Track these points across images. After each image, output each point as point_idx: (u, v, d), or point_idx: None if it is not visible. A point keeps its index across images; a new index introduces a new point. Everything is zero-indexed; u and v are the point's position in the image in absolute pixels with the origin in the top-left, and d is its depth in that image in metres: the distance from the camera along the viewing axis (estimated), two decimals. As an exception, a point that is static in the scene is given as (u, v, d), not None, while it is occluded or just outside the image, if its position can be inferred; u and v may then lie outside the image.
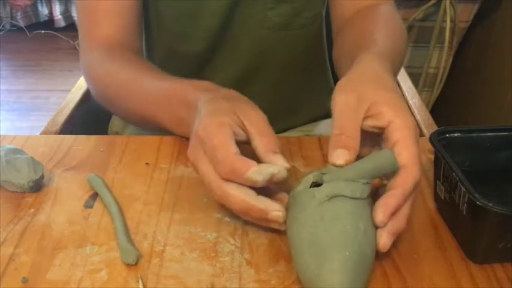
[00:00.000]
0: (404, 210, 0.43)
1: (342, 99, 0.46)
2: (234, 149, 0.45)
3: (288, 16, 0.72)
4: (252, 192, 0.44)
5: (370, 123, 0.46)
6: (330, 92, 0.50)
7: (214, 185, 0.45)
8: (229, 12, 0.70)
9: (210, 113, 0.48)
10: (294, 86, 0.81)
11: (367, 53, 0.55)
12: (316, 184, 0.43)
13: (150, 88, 0.60)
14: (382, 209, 0.41)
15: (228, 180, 0.44)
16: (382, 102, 0.45)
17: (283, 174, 0.45)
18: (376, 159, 0.42)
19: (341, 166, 0.43)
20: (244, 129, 0.48)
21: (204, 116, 0.48)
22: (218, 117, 0.47)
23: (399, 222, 0.42)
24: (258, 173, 0.43)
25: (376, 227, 0.42)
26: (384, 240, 0.41)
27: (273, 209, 0.44)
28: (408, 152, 0.43)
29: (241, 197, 0.44)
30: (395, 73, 0.59)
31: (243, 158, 0.44)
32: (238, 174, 0.43)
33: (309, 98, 0.55)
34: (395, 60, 0.59)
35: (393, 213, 0.42)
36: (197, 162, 0.47)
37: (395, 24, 0.68)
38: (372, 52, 0.56)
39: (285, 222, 0.44)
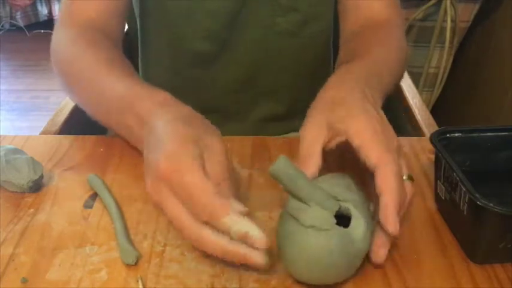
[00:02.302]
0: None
1: (307, 131, 0.47)
2: (212, 187, 0.40)
3: (296, 24, 0.72)
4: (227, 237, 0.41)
5: (334, 143, 0.47)
6: None
7: (190, 231, 0.41)
8: (233, 14, 0.70)
9: (173, 139, 0.43)
10: (298, 91, 0.80)
11: (345, 68, 0.56)
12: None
13: (107, 87, 0.56)
14: (390, 224, 0.40)
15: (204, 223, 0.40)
16: (338, 120, 0.46)
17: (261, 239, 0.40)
18: (290, 180, 0.41)
19: None
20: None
21: (166, 143, 0.42)
22: (185, 145, 0.42)
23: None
24: (235, 222, 0.39)
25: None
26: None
27: (254, 254, 0.40)
28: (374, 152, 0.42)
29: (220, 242, 0.40)
30: (381, 85, 0.58)
31: (223, 198, 0.40)
32: (215, 219, 0.40)
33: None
34: (382, 73, 0.59)
35: (398, 216, 0.41)
36: (164, 203, 0.42)
37: (393, 42, 0.67)
38: (347, 68, 0.56)
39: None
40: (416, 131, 0.76)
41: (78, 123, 0.79)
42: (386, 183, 0.41)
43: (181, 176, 0.40)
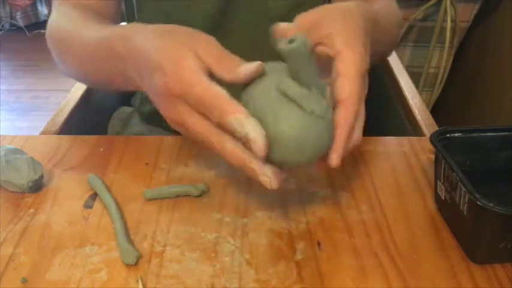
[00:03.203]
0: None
1: (304, 16, 0.50)
2: (219, 90, 0.43)
3: (287, 7, 0.72)
4: (247, 151, 0.43)
5: (322, 49, 0.47)
6: None
7: (213, 139, 0.43)
8: (226, 1, 0.70)
9: (165, 55, 0.45)
10: None
11: None
12: None
13: (90, 40, 0.58)
14: (335, 155, 0.43)
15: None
16: (336, 33, 0.47)
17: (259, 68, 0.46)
18: (303, 62, 0.41)
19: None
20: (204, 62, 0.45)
21: (161, 62, 0.44)
22: (182, 60, 0.44)
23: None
24: (238, 122, 0.42)
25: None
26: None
27: (264, 173, 0.43)
28: (350, 86, 0.44)
29: (239, 154, 0.43)
30: (377, 28, 0.57)
31: (230, 100, 0.43)
32: (224, 118, 0.42)
33: None
34: (382, 22, 0.59)
35: (344, 150, 0.43)
36: (183, 119, 0.44)
37: (389, 7, 0.69)
38: None
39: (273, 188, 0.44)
40: (416, 131, 0.76)
41: (78, 123, 0.79)
42: (346, 119, 0.43)
43: (190, 90, 0.43)
